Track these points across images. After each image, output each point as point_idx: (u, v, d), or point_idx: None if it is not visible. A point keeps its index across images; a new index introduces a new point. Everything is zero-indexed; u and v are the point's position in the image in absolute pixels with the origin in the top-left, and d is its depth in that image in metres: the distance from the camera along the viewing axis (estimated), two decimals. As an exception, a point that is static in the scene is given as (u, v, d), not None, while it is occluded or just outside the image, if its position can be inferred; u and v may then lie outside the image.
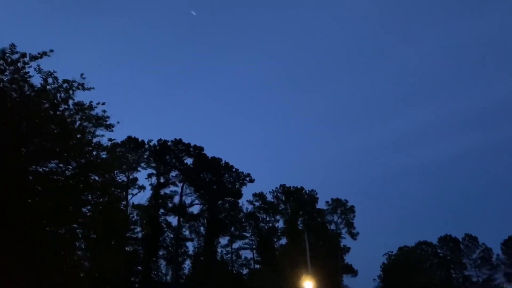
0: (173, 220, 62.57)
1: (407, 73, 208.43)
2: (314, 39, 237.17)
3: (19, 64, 16.97)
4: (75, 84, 17.98)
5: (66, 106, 18.06)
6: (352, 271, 71.73)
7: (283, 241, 68.49)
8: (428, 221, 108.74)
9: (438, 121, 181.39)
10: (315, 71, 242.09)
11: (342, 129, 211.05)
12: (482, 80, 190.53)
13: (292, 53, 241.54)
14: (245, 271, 66.41)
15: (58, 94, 17.81)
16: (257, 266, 66.52)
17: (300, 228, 66.19)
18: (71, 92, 17.98)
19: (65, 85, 17.89)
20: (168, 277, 61.38)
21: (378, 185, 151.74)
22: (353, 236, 71.76)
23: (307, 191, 72.09)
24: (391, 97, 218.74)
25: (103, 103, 18.67)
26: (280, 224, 70.02)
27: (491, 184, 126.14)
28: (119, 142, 57.19)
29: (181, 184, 63.22)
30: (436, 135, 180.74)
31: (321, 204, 73.15)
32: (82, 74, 18.02)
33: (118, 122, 19.16)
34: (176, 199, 62.34)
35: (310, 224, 67.60)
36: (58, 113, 17.62)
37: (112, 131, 19.08)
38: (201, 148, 65.26)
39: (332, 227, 72.97)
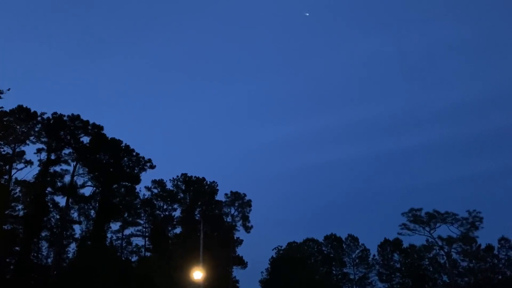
0: (62, 200, 58.62)
1: (328, 75, 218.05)
2: (238, 31, 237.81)
3: None
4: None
5: None
6: (243, 263, 73.51)
7: (178, 230, 67.93)
8: (317, 219, 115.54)
9: (338, 126, 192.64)
10: (234, 63, 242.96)
11: (252, 124, 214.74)
12: (384, 92, 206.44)
13: (213, 43, 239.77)
14: (134, 259, 64.52)
15: None
16: (148, 254, 65.03)
17: (196, 218, 66.11)
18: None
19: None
20: (50, 260, 57.37)
21: (277, 181, 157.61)
22: (247, 229, 73.52)
23: (208, 182, 72.21)
24: (303, 98, 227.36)
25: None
26: (177, 213, 69.34)
27: (376, 190, 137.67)
28: (7, 110, 52.09)
29: (74, 163, 59.40)
30: (336, 139, 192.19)
31: (220, 196, 73.84)
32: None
33: (8, 89, 17.31)
34: (67, 178, 58.51)
35: (207, 215, 67.83)
36: None
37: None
38: (101, 127, 61.85)
39: (229, 219, 74.03)
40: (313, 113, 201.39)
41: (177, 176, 72.20)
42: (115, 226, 64.41)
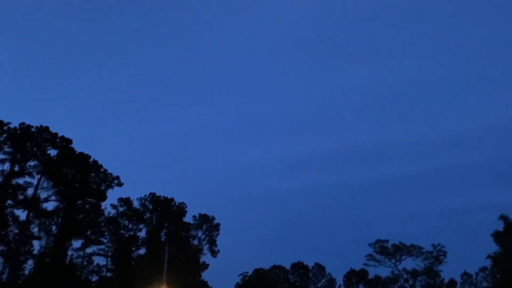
0: (22, 214, 56.12)
1: (300, 103, 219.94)
2: (212, 53, 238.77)
3: None
4: None
5: None
6: (207, 289, 71.85)
7: (143, 251, 65.98)
8: (285, 246, 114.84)
9: (311, 155, 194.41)
10: (211, 85, 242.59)
11: (225, 147, 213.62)
12: (356, 123, 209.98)
13: (186, 62, 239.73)
14: (95, 279, 62.01)
15: None
16: (109, 274, 62.69)
17: (162, 239, 64.49)
18: None
19: None
20: (4, 276, 54.42)
21: (247, 206, 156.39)
22: (214, 253, 72.16)
23: (177, 203, 70.92)
24: (275, 124, 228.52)
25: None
26: (143, 234, 67.46)
27: (344, 220, 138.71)
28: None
29: (39, 176, 57.27)
30: (307, 167, 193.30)
31: (188, 218, 72.49)
32: None
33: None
34: (30, 191, 56.21)
35: (173, 237, 66.30)
36: None
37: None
38: (69, 141, 60.11)
39: (195, 242, 72.52)
40: (285, 140, 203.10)
41: (145, 195, 70.69)
42: (76, 243, 62.07)
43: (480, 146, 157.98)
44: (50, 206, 58.60)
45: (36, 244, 58.48)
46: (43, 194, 57.44)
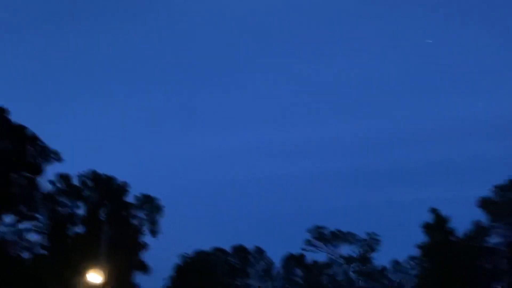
0: None
1: (258, 93, 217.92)
2: (170, 36, 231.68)
3: None
4: None
5: None
6: (146, 269, 70.90)
7: (81, 229, 63.93)
8: (227, 230, 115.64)
9: (260, 144, 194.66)
10: (167, 69, 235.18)
11: (179, 132, 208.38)
12: (305, 117, 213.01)
13: (143, 43, 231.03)
14: (27, 256, 59.36)
15: None
16: (43, 251, 60.31)
17: (102, 218, 62.83)
18: None
19: None
20: None
21: (194, 191, 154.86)
22: (155, 234, 71.25)
23: (119, 182, 69.00)
24: (232, 112, 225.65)
25: None
26: (82, 212, 65.27)
27: (287, 208, 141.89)
28: None
29: (-31, 146, 53.60)
30: (256, 157, 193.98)
31: (131, 199, 70.76)
32: None
33: None
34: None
35: (113, 216, 64.75)
36: None
37: None
38: (5, 111, 56.52)
39: (136, 222, 71.19)
40: (236, 129, 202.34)
41: (85, 172, 68.16)
42: (9, 218, 58.90)
43: (417, 146, 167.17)
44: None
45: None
46: (-27, 166, 53.92)
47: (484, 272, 65.97)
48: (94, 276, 47.45)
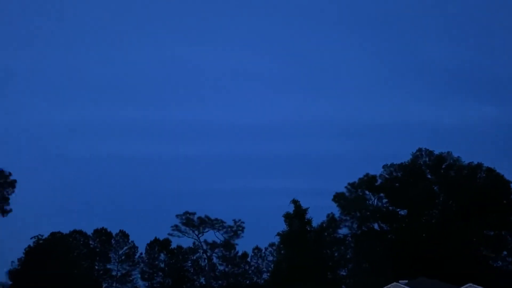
0: None
1: (155, 70, 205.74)
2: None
3: None
4: None
5: None
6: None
7: None
8: (89, 213, 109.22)
9: (138, 122, 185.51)
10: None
11: (42, 102, 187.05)
12: (177, 97, 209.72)
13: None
14: None
15: None
16: None
17: None
18: None
19: None
20: None
21: (53, 168, 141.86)
22: (5, 212, 64.56)
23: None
24: (110, 85, 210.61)
25: None
26: None
27: (156, 192, 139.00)
28: None
29: None
30: (130, 134, 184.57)
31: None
32: None
33: None
34: None
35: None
36: None
37: None
38: None
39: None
40: (103, 102, 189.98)
41: None
42: None
43: (282, 138, 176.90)
44: None
45: None
46: None
47: (332, 260, 73.19)
48: None
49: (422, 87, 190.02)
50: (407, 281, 49.56)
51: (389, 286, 49.53)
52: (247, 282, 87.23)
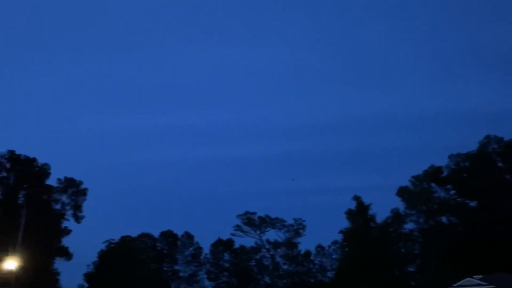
0: None
1: (179, 75, 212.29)
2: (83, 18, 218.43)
3: None
4: None
5: None
6: (67, 255, 68.02)
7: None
8: (156, 216, 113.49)
9: (188, 127, 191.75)
10: (83, 42, 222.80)
11: (100, 111, 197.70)
12: (235, 101, 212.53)
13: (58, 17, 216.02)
14: None
15: None
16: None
17: (20, 202, 59.11)
18: None
19: None
20: None
21: (120, 173, 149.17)
22: (79, 219, 68.46)
23: (39, 164, 65.18)
24: (153, 92, 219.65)
25: None
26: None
27: (217, 192, 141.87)
28: None
29: None
30: (183, 139, 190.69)
31: (52, 181, 67.24)
32: None
33: None
34: None
35: (33, 199, 61.16)
36: None
37: None
38: None
39: (58, 206, 67.88)
40: (164, 110, 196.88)
41: (2, 153, 63.66)
42: None
43: (341, 135, 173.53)
44: None
45: None
46: None
47: (399, 256, 70.93)
48: (10, 262, 44.70)
49: (482, 72, 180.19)
50: (482, 276, 46.99)
51: (462, 281, 47.24)
52: (312, 280, 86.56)
